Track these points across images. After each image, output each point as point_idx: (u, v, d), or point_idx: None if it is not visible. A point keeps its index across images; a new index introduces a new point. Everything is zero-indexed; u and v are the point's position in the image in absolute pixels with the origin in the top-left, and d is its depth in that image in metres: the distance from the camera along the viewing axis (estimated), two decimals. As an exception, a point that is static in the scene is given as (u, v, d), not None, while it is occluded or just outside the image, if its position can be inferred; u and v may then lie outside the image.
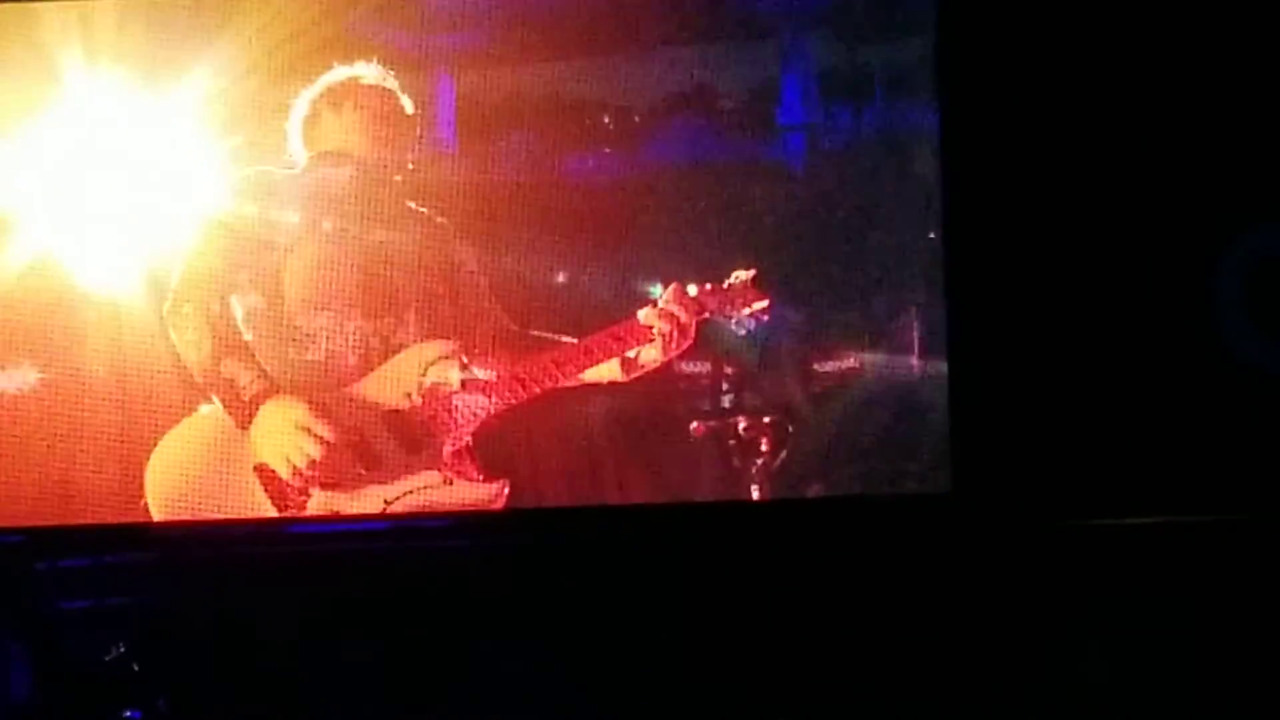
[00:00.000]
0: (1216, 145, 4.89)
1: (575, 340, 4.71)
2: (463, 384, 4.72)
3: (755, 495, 4.83)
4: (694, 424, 4.85)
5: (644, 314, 4.67)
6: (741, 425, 4.85)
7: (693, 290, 4.67)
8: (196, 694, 4.97)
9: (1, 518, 4.88)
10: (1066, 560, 4.87)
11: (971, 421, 4.82)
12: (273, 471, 4.68)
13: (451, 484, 4.74)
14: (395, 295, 4.76)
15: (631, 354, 4.67)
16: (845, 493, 4.88)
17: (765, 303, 4.71)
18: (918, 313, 4.84)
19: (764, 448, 4.85)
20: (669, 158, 4.89)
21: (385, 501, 4.73)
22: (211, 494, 4.73)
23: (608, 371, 4.69)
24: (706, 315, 4.70)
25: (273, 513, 4.70)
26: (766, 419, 4.84)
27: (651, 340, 4.67)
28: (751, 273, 4.73)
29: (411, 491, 4.74)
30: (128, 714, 4.92)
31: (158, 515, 4.75)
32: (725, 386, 4.89)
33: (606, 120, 4.86)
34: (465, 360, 4.71)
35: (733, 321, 4.71)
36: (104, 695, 4.93)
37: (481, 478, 4.77)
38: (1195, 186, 4.89)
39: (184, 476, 4.72)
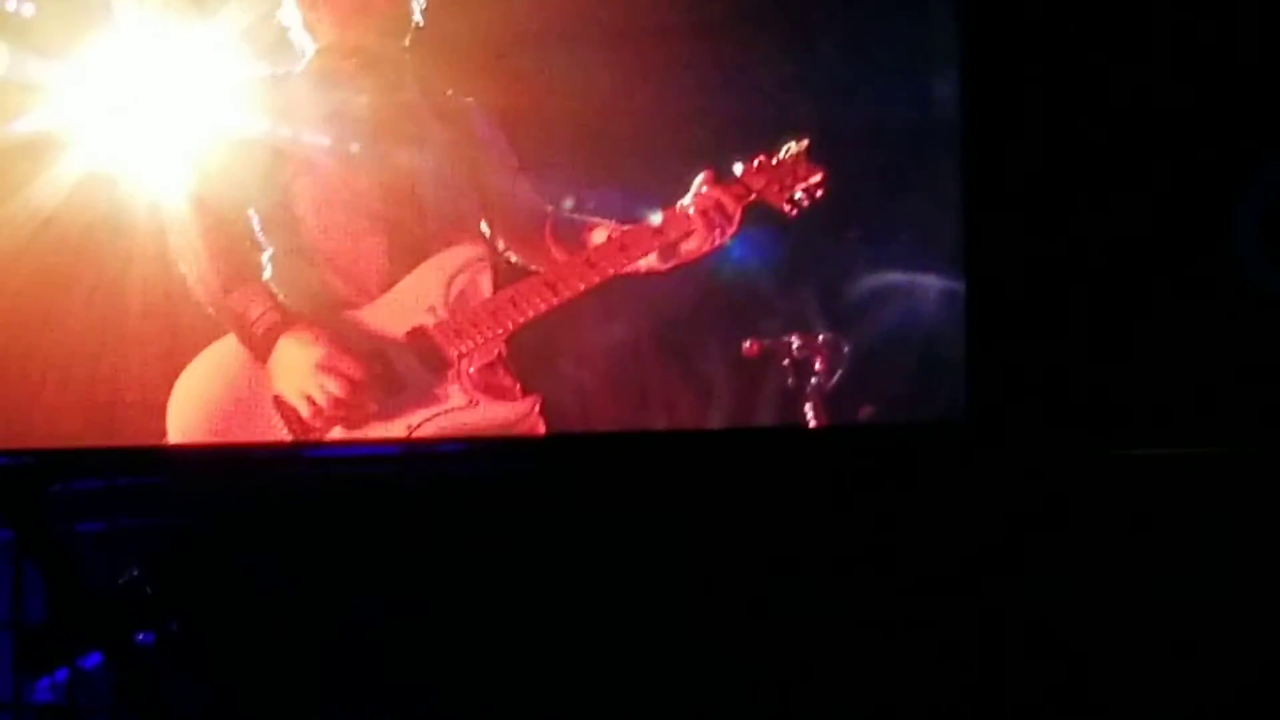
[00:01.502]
0: (1233, 77, 4.88)
1: (613, 222, 4.50)
2: (494, 290, 4.51)
3: (810, 416, 4.71)
4: (746, 342, 4.70)
5: (686, 200, 4.46)
6: (795, 344, 4.72)
7: (738, 169, 4.49)
8: (209, 618, 4.93)
9: (32, 438, 4.77)
10: (1083, 490, 4.83)
11: (988, 350, 4.79)
12: (294, 403, 4.53)
13: (478, 405, 4.54)
14: (416, 192, 4.57)
15: (673, 243, 4.46)
16: (897, 417, 4.77)
17: (819, 176, 4.52)
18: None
19: (818, 367, 4.72)
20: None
21: (409, 427, 4.53)
22: (232, 425, 4.60)
23: (645, 262, 4.47)
24: (753, 198, 4.47)
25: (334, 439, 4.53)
26: (821, 337, 4.72)
27: (693, 230, 4.43)
28: (805, 143, 4.54)
29: (437, 414, 4.54)
30: (141, 637, 4.86)
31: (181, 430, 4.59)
32: (771, 300, 4.71)
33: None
34: (496, 263, 4.53)
35: (785, 203, 4.48)
36: (117, 618, 4.87)
37: (512, 396, 4.56)
38: (1213, 117, 4.87)
39: (204, 407, 4.57)
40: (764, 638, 4.82)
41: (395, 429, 4.56)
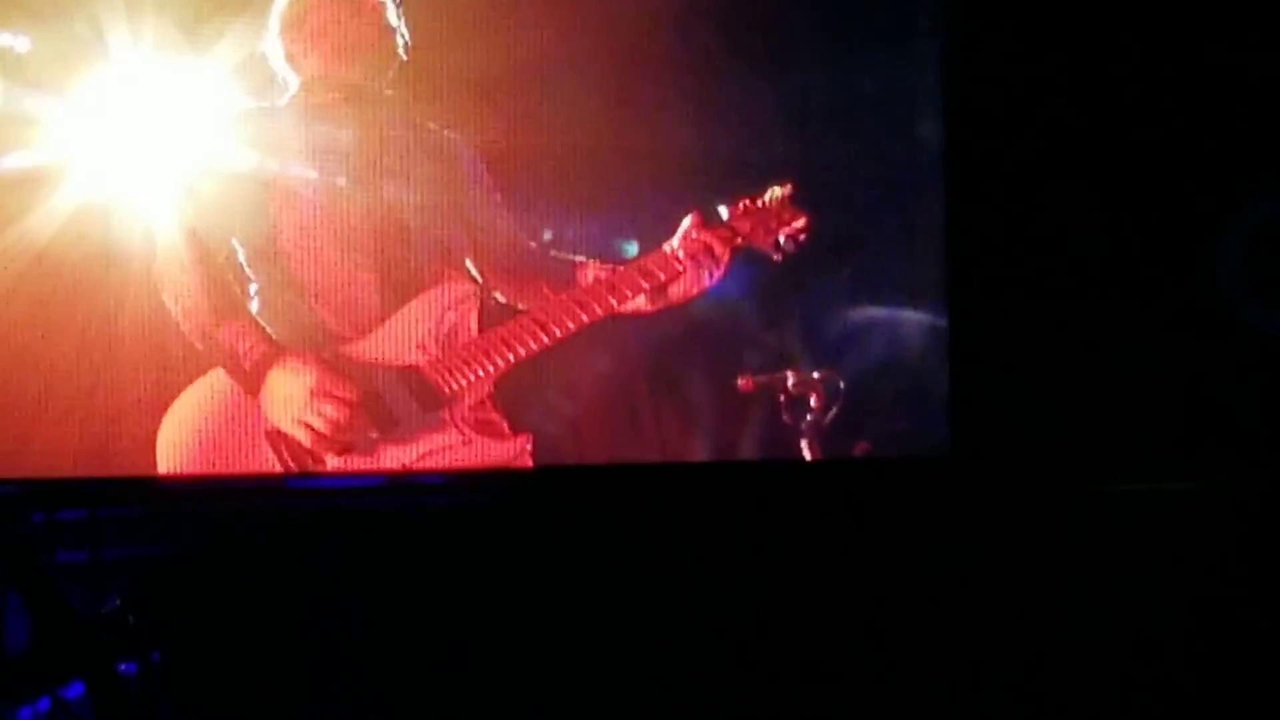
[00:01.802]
0: (1219, 113, 4.95)
1: (597, 262, 4.54)
2: (481, 330, 4.53)
3: (806, 452, 4.74)
4: (741, 379, 4.73)
5: (673, 243, 4.50)
6: (790, 381, 4.75)
7: (724, 212, 4.52)
8: (191, 648, 4.92)
9: (25, 468, 4.75)
10: (1067, 523, 4.90)
11: (971, 384, 4.83)
12: (286, 437, 4.51)
13: (470, 443, 4.53)
14: (403, 227, 4.56)
15: (661, 284, 4.49)
16: (891, 452, 4.81)
17: (803, 221, 4.57)
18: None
19: (813, 404, 4.76)
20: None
21: (404, 465, 4.53)
22: (223, 458, 4.60)
23: (632, 303, 4.49)
24: (739, 241, 4.50)
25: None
26: (816, 374, 4.76)
27: (682, 273, 4.46)
28: (789, 188, 4.56)
29: (431, 452, 4.54)
30: (123, 666, 4.82)
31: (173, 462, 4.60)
32: (769, 338, 4.75)
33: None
34: (484, 300, 4.52)
35: (771, 248, 4.53)
36: (100, 647, 4.81)
37: (504, 434, 4.57)
38: (1196, 153, 4.95)
39: (194, 441, 4.57)
40: (755, 669, 4.86)
41: (389, 465, 4.57)
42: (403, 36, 4.56)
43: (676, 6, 4.73)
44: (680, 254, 4.50)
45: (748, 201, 4.56)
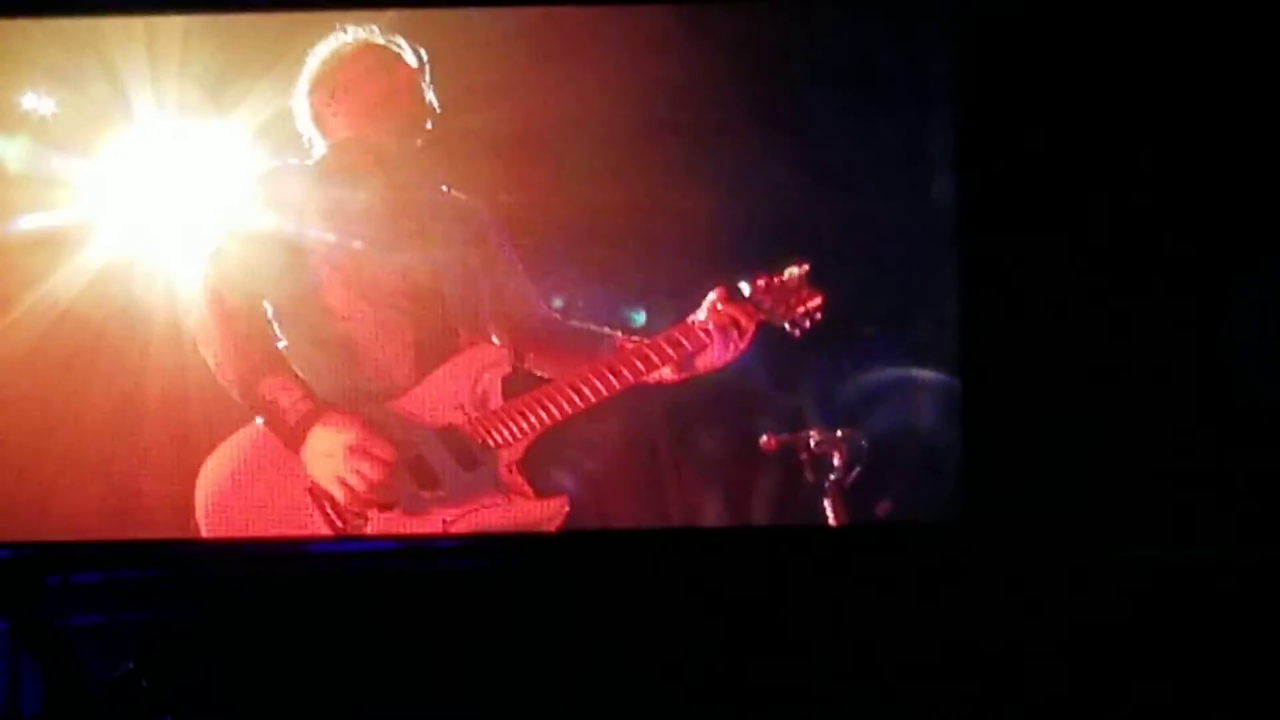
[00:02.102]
0: (1233, 179, 4.92)
1: (618, 333, 4.60)
2: (513, 393, 4.56)
3: (829, 512, 4.73)
4: (764, 437, 4.73)
5: (699, 315, 4.56)
6: (813, 440, 4.75)
7: (745, 288, 4.57)
8: (203, 712, 4.91)
9: (49, 530, 4.77)
10: (1079, 591, 4.86)
11: (984, 450, 4.79)
12: (328, 494, 4.51)
13: (511, 501, 4.56)
14: (437, 289, 4.58)
15: (689, 356, 4.56)
16: (911, 515, 4.80)
17: (819, 300, 4.63)
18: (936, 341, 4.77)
19: (836, 463, 4.74)
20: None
21: (444, 522, 4.55)
22: (263, 514, 4.61)
23: (659, 374, 4.57)
24: (763, 317, 4.58)
25: (328, 534, 4.55)
26: (839, 433, 4.74)
27: (709, 345, 4.54)
28: (805, 268, 4.61)
29: (473, 510, 4.56)
30: None
31: (206, 533, 4.60)
32: (788, 399, 4.75)
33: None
34: (514, 365, 4.57)
35: (787, 324, 4.61)
36: (113, 711, 4.83)
37: (540, 495, 4.60)
38: (1213, 219, 4.91)
39: (235, 495, 4.57)
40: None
41: (430, 523, 4.58)
42: (431, 103, 4.60)
43: (698, 74, 4.75)
44: (709, 326, 4.55)
45: (768, 278, 4.60)
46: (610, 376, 4.51)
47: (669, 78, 4.75)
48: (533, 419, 4.54)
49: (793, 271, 4.61)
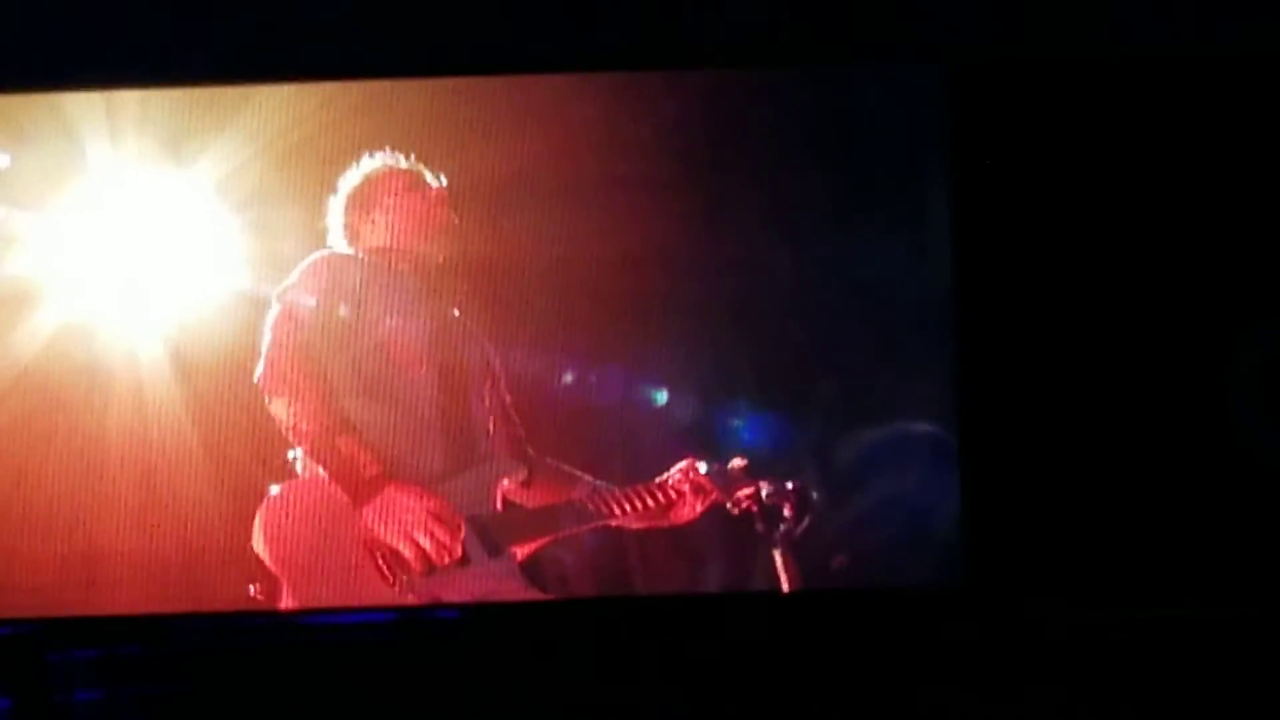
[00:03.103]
0: (1230, 239, 4.88)
1: (587, 476, 4.83)
2: (526, 507, 4.84)
3: (779, 561, 4.79)
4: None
5: (675, 478, 4.83)
6: (765, 491, 4.81)
7: (703, 468, 4.81)
8: None
9: (20, 607, 4.80)
10: (1079, 656, 4.82)
11: (983, 514, 4.78)
12: (394, 550, 4.68)
13: (526, 593, 4.77)
14: (467, 403, 4.83)
15: (662, 506, 4.83)
16: (868, 569, 4.82)
17: (753, 490, 4.82)
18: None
19: (786, 514, 4.80)
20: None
21: (472, 597, 4.73)
22: (321, 561, 4.72)
23: (624, 517, 4.81)
24: (715, 496, 4.81)
25: (380, 587, 4.69)
26: (790, 484, 4.81)
27: (677, 504, 4.81)
28: (744, 462, 4.82)
29: (492, 593, 4.76)
30: None
31: (269, 563, 4.69)
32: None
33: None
34: (522, 487, 4.84)
35: (729, 503, 4.82)
36: None
37: (546, 592, 4.82)
38: (1211, 278, 4.87)
39: (298, 537, 4.71)
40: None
41: (461, 594, 4.77)
42: (455, 221, 4.79)
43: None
44: (682, 487, 4.84)
45: (720, 464, 4.83)
46: (603, 505, 4.82)
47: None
48: (540, 529, 4.81)
49: (735, 463, 4.82)
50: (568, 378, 4.82)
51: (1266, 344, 4.88)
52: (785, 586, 4.80)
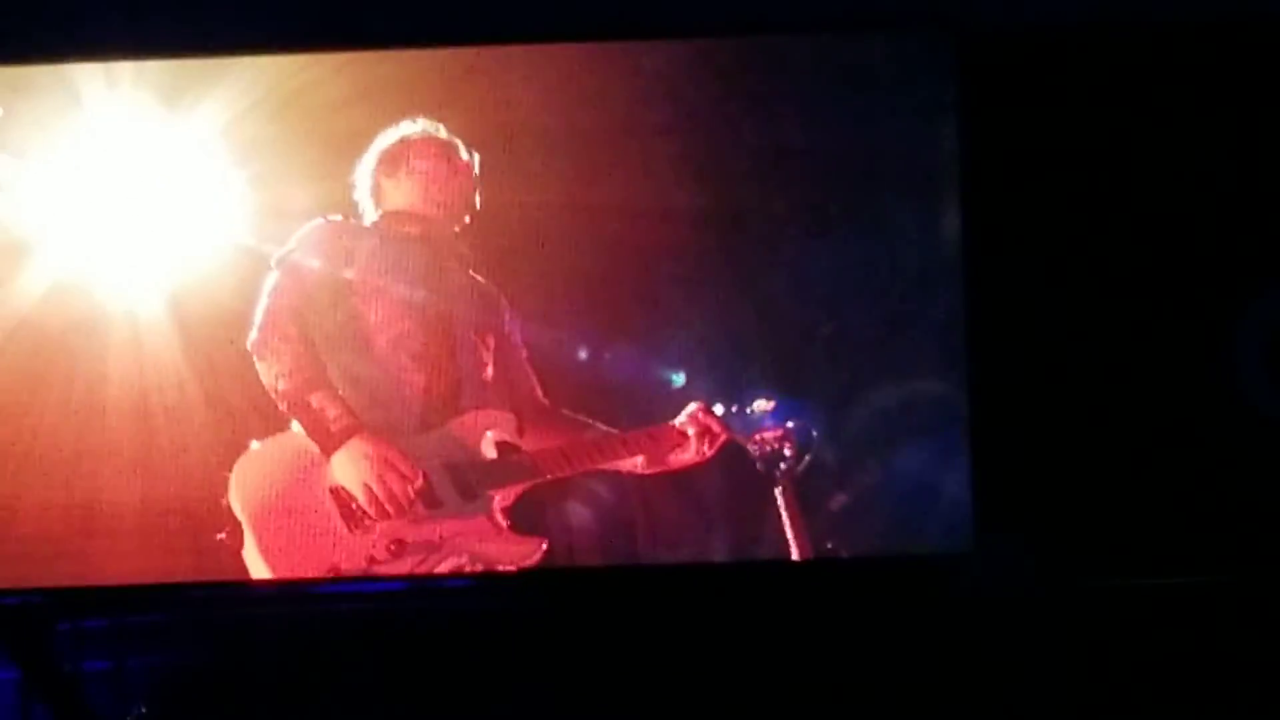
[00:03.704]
0: (1235, 207, 4.88)
1: (601, 425, 4.92)
2: (511, 454, 4.94)
3: (780, 502, 4.83)
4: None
5: (681, 420, 4.93)
6: (764, 432, 4.87)
7: (719, 410, 4.92)
8: None
9: (25, 576, 4.86)
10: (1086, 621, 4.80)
11: (993, 479, 4.77)
12: (350, 496, 4.83)
13: (499, 534, 4.91)
14: (455, 358, 4.94)
15: (665, 453, 4.92)
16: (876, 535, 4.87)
17: (780, 433, 4.91)
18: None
19: (787, 453, 4.86)
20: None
21: (441, 537, 4.87)
22: (292, 508, 4.84)
23: (633, 462, 4.93)
24: (730, 436, 4.92)
25: (344, 531, 4.82)
26: (790, 423, 4.88)
27: (681, 445, 4.91)
28: (772, 404, 4.92)
29: (461, 534, 4.89)
30: None
31: (245, 520, 4.82)
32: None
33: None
34: (512, 436, 4.97)
35: (750, 446, 4.92)
36: None
37: (521, 534, 4.94)
38: (1213, 246, 4.89)
39: (269, 489, 4.85)
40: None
41: (429, 536, 4.89)
42: (479, 193, 4.90)
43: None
44: (687, 430, 4.92)
45: (738, 407, 4.92)
46: (595, 453, 4.91)
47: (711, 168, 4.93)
48: (523, 475, 4.93)
49: (761, 404, 4.93)
50: (584, 333, 4.94)
51: (1274, 314, 4.88)
52: (789, 528, 4.86)
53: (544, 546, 4.92)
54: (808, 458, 4.83)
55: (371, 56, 4.87)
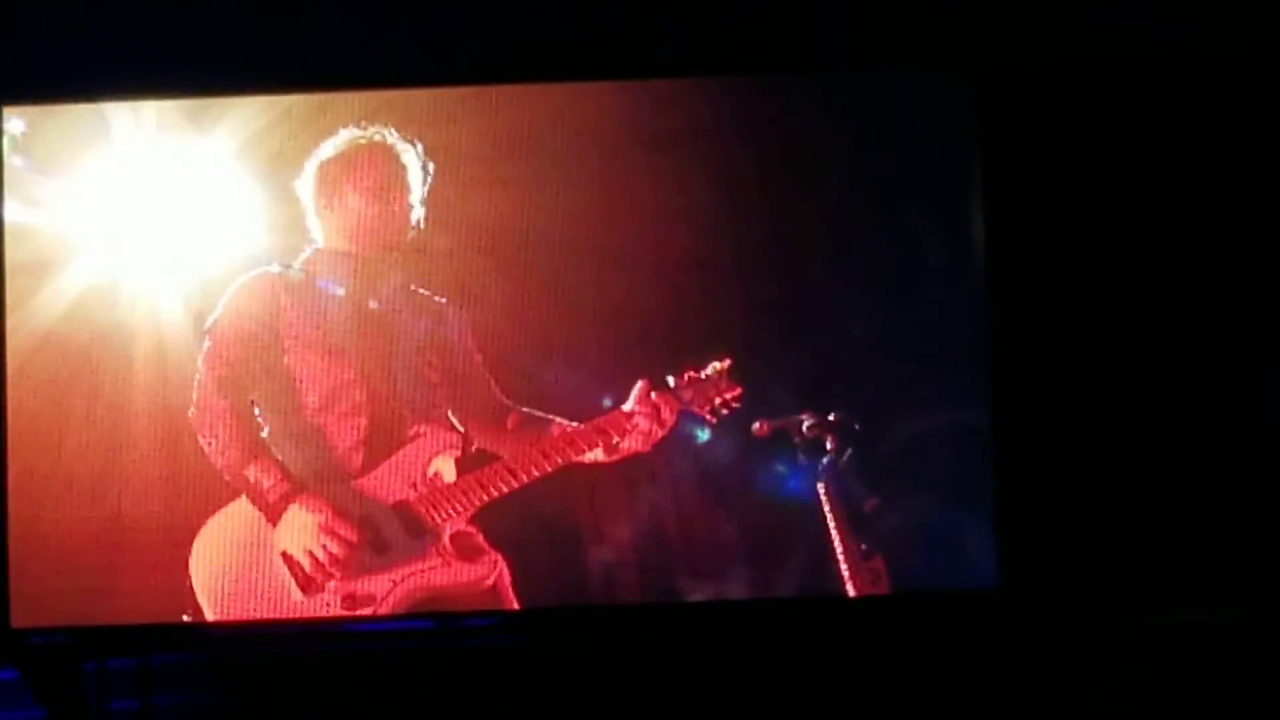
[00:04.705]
0: (1263, 240, 4.89)
1: (563, 420, 4.89)
2: (459, 476, 4.91)
3: (821, 492, 4.79)
4: (756, 423, 4.83)
5: (626, 406, 4.87)
6: (806, 423, 4.80)
7: (670, 381, 4.86)
8: None
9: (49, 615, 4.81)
10: (1113, 657, 4.82)
11: (1018, 516, 4.74)
12: (298, 563, 4.85)
13: (450, 565, 4.92)
14: (396, 387, 4.91)
15: (615, 442, 4.88)
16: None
17: (738, 391, 4.85)
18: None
19: (829, 445, 4.78)
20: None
21: (393, 582, 4.90)
22: (245, 576, 4.87)
23: (591, 455, 4.89)
24: (682, 407, 4.87)
25: (298, 595, 4.84)
26: (831, 416, 4.79)
27: (631, 430, 4.87)
28: (727, 363, 4.86)
29: (414, 573, 4.92)
30: None
31: (201, 596, 4.85)
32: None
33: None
34: (462, 452, 4.93)
35: (707, 411, 4.86)
36: None
37: (480, 556, 4.94)
38: (1243, 278, 4.88)
39: (223, 561, 4.87)
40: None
41: (380, 585, 4.89)
42: (422, 208, 4.86)
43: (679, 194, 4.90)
44: (635, 415, 4.88)
45: (691, 373, 4.86)
46: (543, 460, 4.89)
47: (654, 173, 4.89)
48: (473, 497, 4.91)
49: (715, 366, 4.87)
50: (541, 329, 4.88)
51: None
52: (830, 521, 4.80)
53: (499, 565, 4.91)
54: (849, 451, 4.78)
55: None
